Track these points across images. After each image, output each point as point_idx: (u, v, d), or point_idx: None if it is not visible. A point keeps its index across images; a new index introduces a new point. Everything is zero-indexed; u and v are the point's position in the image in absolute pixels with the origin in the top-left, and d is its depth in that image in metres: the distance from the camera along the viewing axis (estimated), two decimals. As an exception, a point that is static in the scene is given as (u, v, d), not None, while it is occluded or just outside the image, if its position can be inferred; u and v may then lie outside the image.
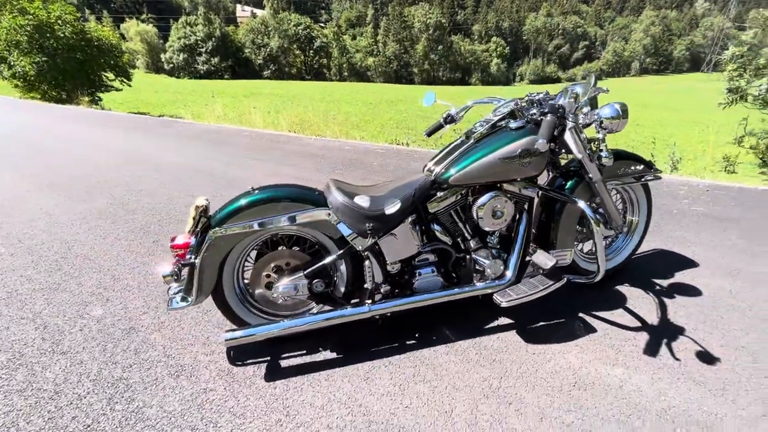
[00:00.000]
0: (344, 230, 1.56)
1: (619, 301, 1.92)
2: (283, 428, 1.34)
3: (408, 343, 1.72)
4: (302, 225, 1.54)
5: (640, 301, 1.92)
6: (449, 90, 43.40)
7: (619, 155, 1.87)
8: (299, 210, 1.52)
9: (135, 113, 11.32)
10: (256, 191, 1.54)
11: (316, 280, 1.60)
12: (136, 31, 48.88)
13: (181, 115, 10.96)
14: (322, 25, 71.61)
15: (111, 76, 13.81)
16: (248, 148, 5.24)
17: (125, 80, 14.27)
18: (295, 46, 53.87)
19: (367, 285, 1.62)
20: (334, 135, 6.56)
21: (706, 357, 1.55)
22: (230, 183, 3.87)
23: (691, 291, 1.96)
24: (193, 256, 1.51)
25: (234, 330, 1.54)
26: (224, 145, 5.45)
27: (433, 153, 4.90)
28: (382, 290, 1.64)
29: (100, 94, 13.60)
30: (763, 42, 6.40)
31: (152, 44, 49.53)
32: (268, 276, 1.64)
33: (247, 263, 1.70)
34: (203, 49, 46.59)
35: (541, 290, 1.62)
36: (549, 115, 1.46)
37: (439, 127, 2.08)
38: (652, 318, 1.79)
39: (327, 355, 1.67)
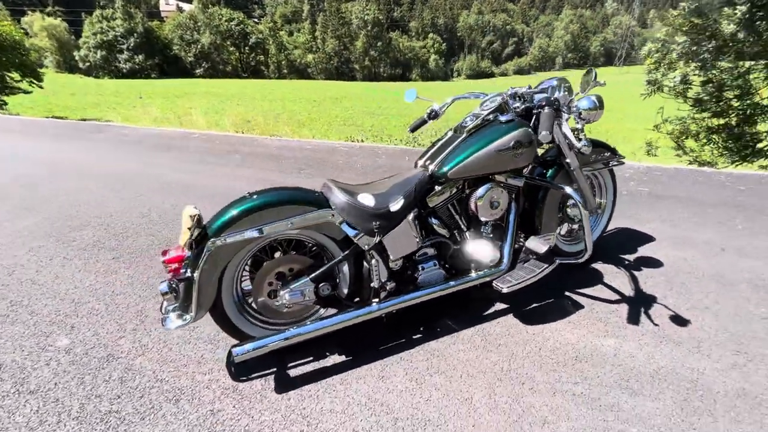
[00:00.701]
0: (348, 230, 1.53)
1: (597, 278, 2.08)
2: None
3: (414, 337, 1.73)
4: (305, 228, 1.49)
5: (614, 276, 2.10)
6: (390, 85, 43.93)
7: (591, 143, 2.02)
8: (301, 213, 1.46)
9: (52, 118, 10.09)
10: (255, 196, 1.46)
11: (322, 284, 1.56)
12: (42, 26, 43.37)
13: (109, 119, 9.97)
14: (256, 20, 68.73)
15: (17, 76, 12.16)
16: (201, 152, 4.91)
17: (35, 81, 12.63)
18: (228, 42, 51.18)
19: (374, 284, 1.60)
20: (287, 135, 6.37)
21: (678, 320, 1.74)
22: (188, 190, 3.62)
23: (654, 263, 2.19)
24: (189, 270, 1.40)
25: (242, 344, 1.45)
26: (172, 150, 5.06)
27: (398, 149, 4.95)
28: (387, 288, 1.63)
29: (5, 98, 11.93)
30: (672, 39, 7.25)
31: (62, 41, 44.29)
32: (271, 284, 1.56)
33: (244, 272, 1.60)
34: (124, 46, 42.62)
35: (537, 274, 1.72)
36: (546, 108, 1.55)
37: (423, 122, 2.11)
38: (628, 290, 1.97)
39: (336, 359, 1.63)
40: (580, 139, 1.75)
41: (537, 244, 1.73)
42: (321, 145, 5.03)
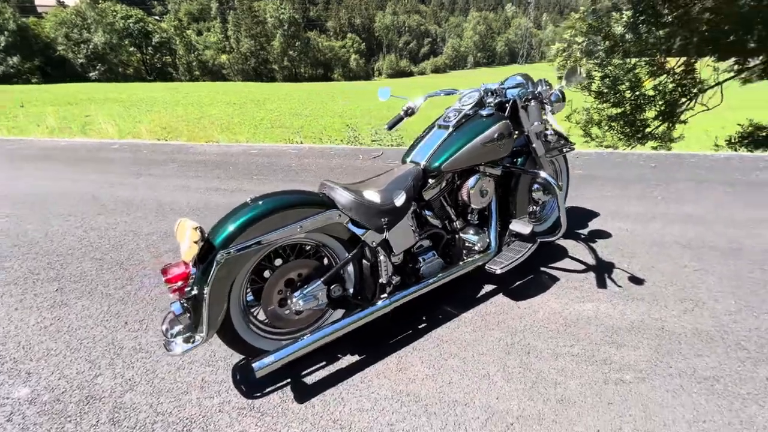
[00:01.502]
0: (355, 229, 1.53)
1: (563, 252, 2.33)
2: (347, 441, 1.29)
3: (420, 327, 1.79)
4: (313, 231, 1.46)
5: (576, 249, 2.36)
6: (315, 87, 43.34)
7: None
8: (308, 215, 1.43)
9: None
10: (260, 202, 1.39)
11: (333, 285, 1.54)
12: None
13: (-9, 132, 8.44)
14: (157, 18, 62.81)
15: None
16: (129, 163, 4.42)
17: None
18: (127, 42, 46.11)
19: (382, 279, 1.62)
20: (225, 140, 5.99)
21: (635, 280, 2.03)
22: (129, 206, 3.25)
23: (604, 234, 2.50)
24: (196, 288, 1.30)
25: (261, 358, 1.37)
26: (92, 163, 4.48)
27: (348, 149, 4.94)
28: (393, 282, 1.66)
29: None
30: (574, 40, 8.23)
31: None
32: (280, 292, 1.50)
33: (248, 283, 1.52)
34: (-8, 46, 36.15)
35: (524, 253, 1.88)
36: (533, 101, 1.69)
37: (400, 119, 2.17)
38: (590, 260, 2.24)
39: (349, 359, 1.63)
40: (546, 129, 1.95)
41: (521, 226, 1.89)
42: (266, 149, 4.83)
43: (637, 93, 7.36)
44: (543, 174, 1.90)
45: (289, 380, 1.53)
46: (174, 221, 2.84)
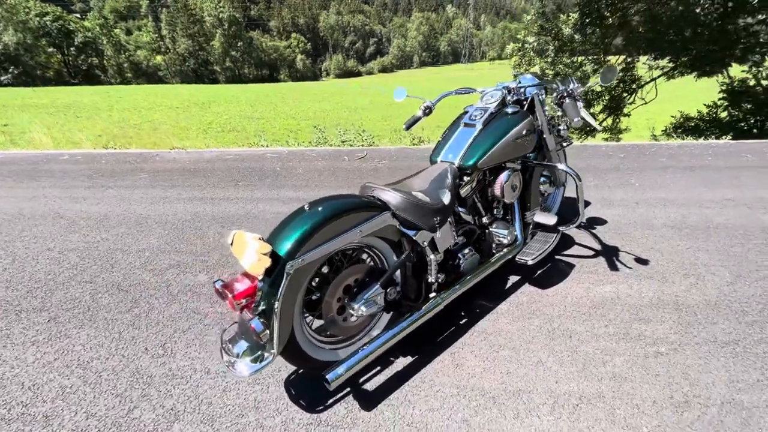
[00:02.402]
0: (406, 229, 1.52)
1: (571, 240, 2.47)
2: (429, 442, 1.28)
3: (461, 322, 1.82)
4: (371, 234, 1.43)
5: (581, 236, 2.52)
6: (258, 88, 42.03)
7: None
8: (365, 219, 1.40)
9: None
10: (319, 208, 1.33)
11: (389, 288, 1.52)
12: None
13: None
14: (78, 16, 57.34)
15: None
16: (89, 175, 4.02)
17: None
18: (45, 41, 41.64)
19: (431, 279, 1.63)
20: (194, 145, 5.63)
21: (641, 261, 2.21)
22: (104, 222, 2.97)
23: (600, 221, 2.69)
24: (264, 302, 1.22)
25: (332, 369, 1.32)
26: (45, 177, 4.01)
27: (330, 150, 4.86)
28: (439, 280, 1.67)
29: None
30: (526, 40, 8.73)
31: None
32: (339, 299, 1.46)
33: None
34: None
35: (551, 243, 1.98)
36: (567, 98, 1.77)
37: (418, 119, 2.19)
38: (596, 245, 2.40)
39: (402, 361, 1.62)
40: (559, 125, 2.06)
41: (546, 218, 1.98)
42: (243, 154, 4.62)
43: (586, 89, 7.99)
44: (561, 166, 2.01)
45: (348, 390, 1.49)
46: (167, 236, 2.65)
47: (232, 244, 1.25)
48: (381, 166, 4.00)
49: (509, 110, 1.88)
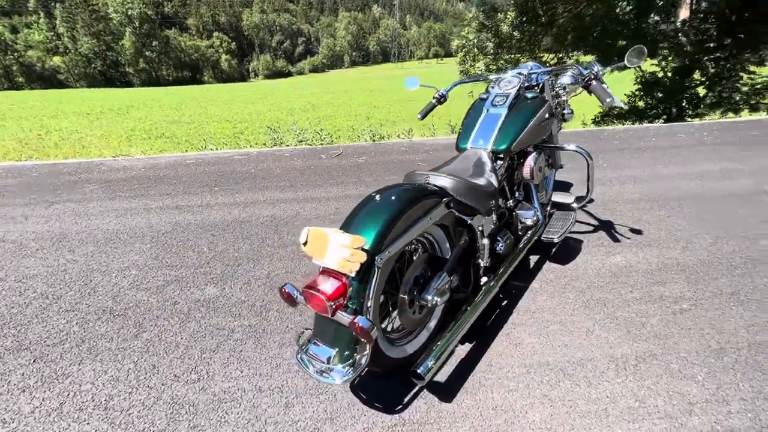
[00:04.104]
0: (462, 215, 1.51)
1: (568, 218, 2.63)
2: (515, 422, 1.29)
3: (504, 305, 1.85)
4: (438, 221, 1.39)
5: (578, 214, 2.69)
6: (182, 91, 39.29)
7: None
8: (431, 207, 1.36)
9: None
10: (392, 197, 1.26)
11: (454, 275, 1.49)
12: None
13: None
14: (-54, 10, 48.57)
15: None
16: (23, 191, 3.42)
17: None
18: None
19: (483, 263, 1.63)
20: (147, 152, 5.05)
21: (636, 231, 2.43)
22: (63, 242, 2.56)
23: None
24: (355, 301, 1.13)
25: (420, 363, 1.25)
26: (-39, 196, 3.35)
27: (304, 149, 4.65)
28: (489, 265, 1.68)
29: None
30: (468, 37, 9.14)
31: None
32: (410, 292, 1.39)
33: None
34: None
35: (571, 221, 2.08)
36: (595, 81, 1.85)
37: (432, 107, 2.19)
38: (593, 221, 2.58)
39: (462, 349, 1.60)
40: (564, 109, 2.18)
41: (564, 197, 2.09)
42: (207, 158, 4.25)
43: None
44: (572, 147, 2.12)
45: (416, 387, 1.44)
46: (150, 251, 2.37)
47: (305, 243, 1.14)
48: (362, 162, 3.92)
49: (529, 95, 1.94)
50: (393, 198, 1.26)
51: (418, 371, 1.23)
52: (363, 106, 26.57)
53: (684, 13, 7.92)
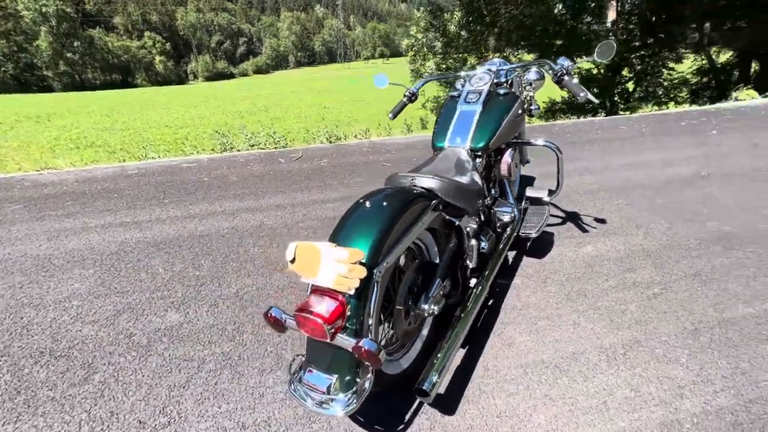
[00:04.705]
0: (451, 215, 1.45)
1: (537, 212, 2.69)
2: (521, 427, 1.25)
3: (489, 304, 1.83)
4: (429, 225, 1.31)
5: (542, 208, 2.76)
6: (113, 95, 36.40)
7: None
8: (423, 210, 1.28)
9: None
10: (383, 203, 1.16)
11: (446, 280, 1.42)
12: None
13: None
14: None
15: None
16: None
17: None
18: None
19: (472, 264, 1.58)
20: (78, 164, 4.50)
21: (600, 220, 2.53)
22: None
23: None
24: (355, 320, 1.03)
25: (424, 379, 1.17)
26: None
27: (261, 153, 4.39)
28: (476, 265, 1.64)
29: None
30: (416, 36, 9.23)
31: None
32: (404, 303, 1.30)
33: None
34: None
35: (545, 215, 2.10)
36: (566, 76, 1.85)
37: (404, 106, 2.13)
38: (560, 213, 2.66)
39: (456, 355, 1.54)
40: (531, 104, 2.20)
41: (537, 192, 2.11)
42: (151, 168, 3.86)
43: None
44: (542, 141, 2.15)
45: (418, 401, 1.36)
46: (94, 276, 2.10)
47: (293, 260, 1.02)
48: (325, 165, 3.78)
49: (501, 91, 1.93)
50: (384, 204, 1.17)
51: (423, 387, 1.15)
52: (312, 107, 26.09)
53: (612, 15, 8.57)
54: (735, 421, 1.25)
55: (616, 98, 9.47)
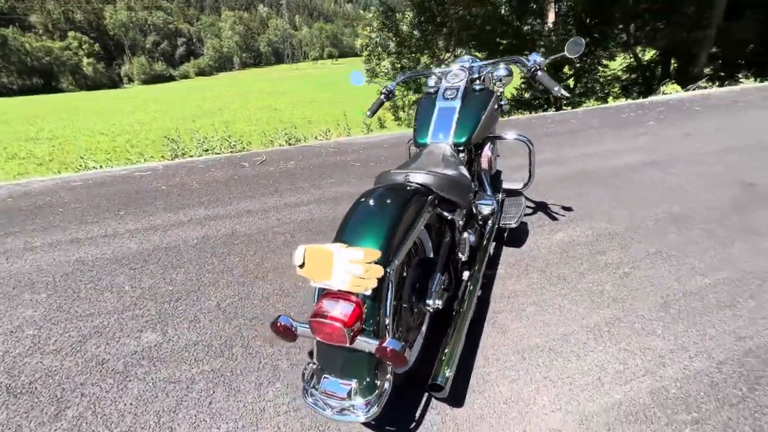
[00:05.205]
0: (445, 210, 1.46)
1: (508, 204, 2.79)
2: (528, 410, 1.30)
3: (478, 294, 1.86)
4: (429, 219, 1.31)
5: (512, 199, 2.87)
6: (36, 102, 33.12)
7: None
8: (422, 206, 1.28)
9: None
10: (387, 200, 1.15)
11: (445, 274, 1.43)
12: None
13: None
14: None
15: None
16: None
17: None
18: None
19: (464, 257, 1.61)
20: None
21: (567, 208, 2.68)
22: None
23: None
24: (372, 322, 1.00)
25: (438, 375, 1.16)
26: None
27: (219, 158, 4.17)
28: (465, 259, 1.67)
29: None
30: (370, 35, 9.25)
31: None
32: (410, 300, 1.29)
33: None
34: None
35: (522, 205, 2.19)
36: (539, 71, 1.91)
37: (381, 104, 2.12)
38: (531, 204, 2.78)
39: (456, 347, 1.56)
40: (501, 100, 2.28)
41: (513, 184, 2.18)
42: (99, 177, 3.53)
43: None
44: (514, 135, 2.23)
45: (425, 395, 1.36)
46: (48, 301, 1.96)
47: (302, 265, 0.98)
48: (292, 168, 3.67)
49: (477, 87, 1.98)
50: (388, 201, 1.16)
51: (437, 382, 1.15)
52: (263, 109, 25.31)
53: (552, 16, 9.13)
54: (711, 382, 1.37)
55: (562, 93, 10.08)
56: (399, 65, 9.05)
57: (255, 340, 1.63)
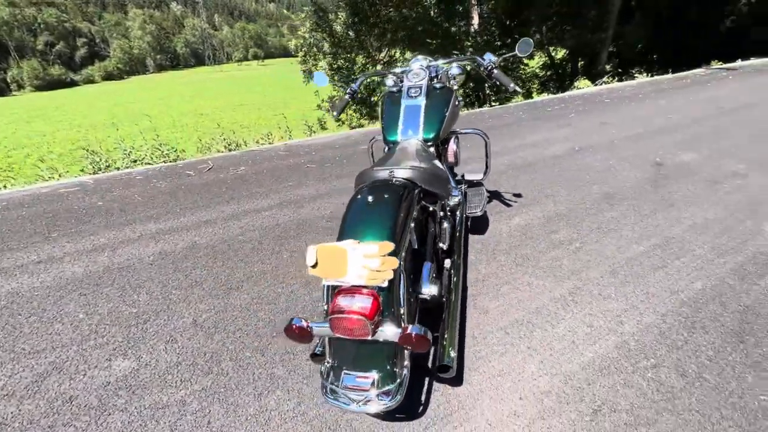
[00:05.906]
0: (428, 201, 1.54)
1: (465, 194, 2.96)
2: (521, 378, 1.42)
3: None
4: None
5: (468, 190, 3.05)
6: None
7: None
8: (412, 199, 1.34)
9: None
10: (385, 195, 1.19)
11: (433, 263, 1.50)
12: None
13: None
14: None
15: None
16: None
17: None
18: None
19: (445, 246, 1.70)
20: None
21: (518, 195, 2.91)
22: None
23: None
24: (387, 314, 1.03)
25: (444, 362, 1.22)
26: None
27: (157, 167, 3.87)
28: (446, 248, 1.76)
29: None
30: (304, 36, 9.10)
31: None
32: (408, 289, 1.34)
33: None
34: None
35: (484, 195, 2.34)
36: (495, 69, 2.03)
37: (346, 104, 2.14)
38: (486, 194, 2.97)
39: (445, 332, 1.65)
40: (458, 98, 2.42)
41: (474, 175, 2.33)
42: (16, 197, 3.08)
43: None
44: (470, 130, 2.37)
45: (427, 380, 1.43)
46: None
47: (315, 265, 0.99)
48: (244, 173, 3.52)
49: (438, 86, 2.08)
50: (386, 196, 1.20)
51: (445, 363, 1.21)
52: (187, 114, 23.67)
53: (476, 18, 9.72)
54: (660, 332, 1.61)
55: (487, 91, 10.79)
56: (336, 65, 9.04)
57: (244, 351, 1.57)
